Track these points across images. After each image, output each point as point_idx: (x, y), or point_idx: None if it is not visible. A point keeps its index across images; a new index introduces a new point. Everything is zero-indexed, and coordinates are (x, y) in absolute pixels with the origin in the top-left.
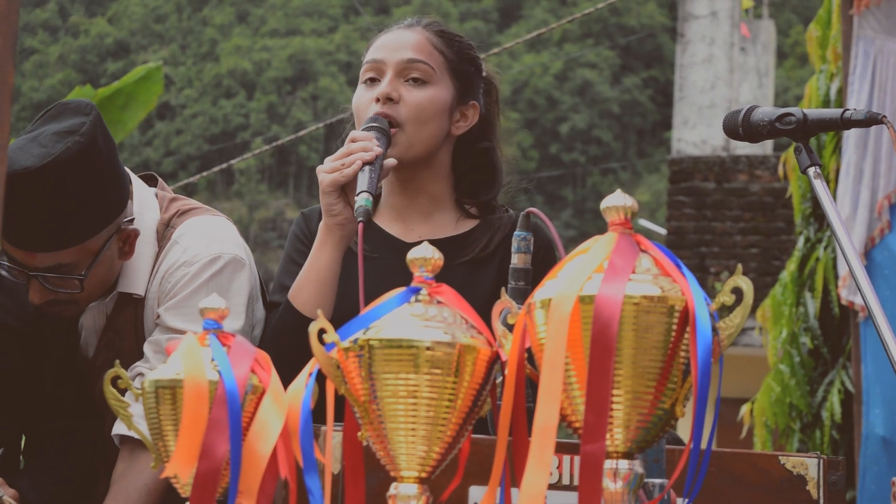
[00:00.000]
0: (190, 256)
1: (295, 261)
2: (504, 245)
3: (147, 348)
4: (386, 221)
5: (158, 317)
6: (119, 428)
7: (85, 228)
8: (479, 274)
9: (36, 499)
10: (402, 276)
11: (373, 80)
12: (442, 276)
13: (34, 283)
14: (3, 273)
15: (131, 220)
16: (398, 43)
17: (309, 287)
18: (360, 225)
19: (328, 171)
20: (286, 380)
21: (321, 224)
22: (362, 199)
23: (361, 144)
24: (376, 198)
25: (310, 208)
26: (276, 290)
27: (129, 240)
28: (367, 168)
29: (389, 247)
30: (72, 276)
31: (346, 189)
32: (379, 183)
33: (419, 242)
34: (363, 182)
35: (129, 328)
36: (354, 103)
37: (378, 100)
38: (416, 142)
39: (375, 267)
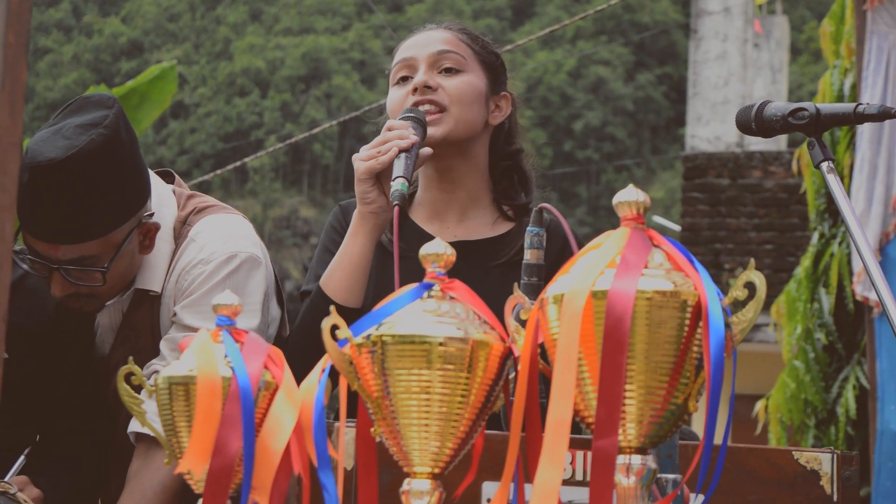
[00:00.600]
0: (207, 254)
1: (330, 251)
2: (558, 260)
3: (163, 346)
4: (422, 219)
5: (175, 314)
6: (135, 425)
7: (108, 221)
8: (514, 277)
9: (53, 498)
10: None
11: (405, 79)
12: (477, 279)
13: (56, 276)
14: (25, 267)
15: (151, 215)
16: (427, 40)
17: (340, 274)
18: (396, 208)
19: (363, 159)
20: (314, 367)
21: (355, 212)
22: (398, 184)
23: (398, 132)
24: (411, 194)
25: (347, 200)
26: (310, 280)
27: (149, 234)
28: (402, 155)
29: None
30: (94, 269)
31: (380, 177)
32: (415, 171)
33: (454, 242)
34: (399, 168)
35: (145, 326)
36: (389, 103)
37: (415, 90)
38: (461, 123)
39: (411, 265)
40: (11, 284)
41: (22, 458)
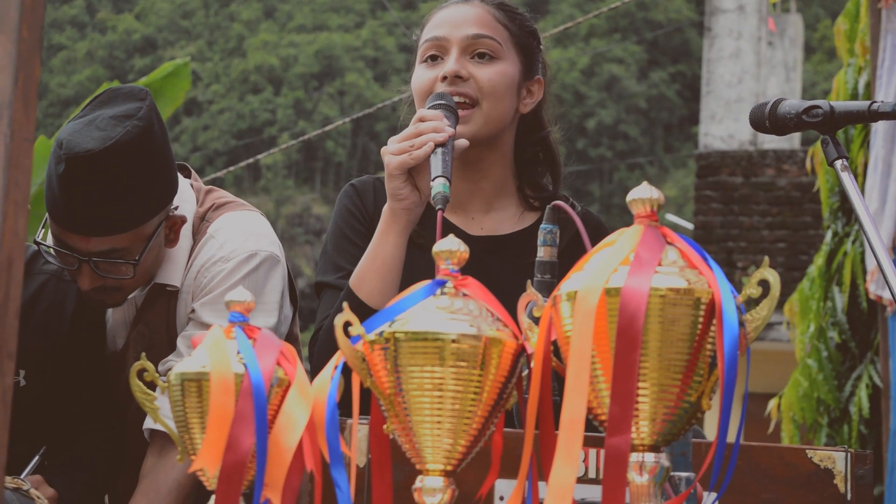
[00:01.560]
0: (227, 252)
1: (350, 239)
2: (572, 245)
3: (181, 342)
4: (446, 209)
5: (193, 311)
6: (148, 422)
7: (140, 213)
8: None
9: (67, 495)
10: (464, 268)
11: (434, 58)
12: (503, 277)
13: (85, 269)
14: (51, 260)
15: (176, 208)
16: (460, 18)
17: (373, 276)
18: (440, 213)
19: (395, 153)
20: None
21: (385, 208)
22: (440, 185)
23: (432, 125)
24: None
25: (359, 180)
26: (328, 270)
27: (174, 227)
28: (439, 150)
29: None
30: (125, 262)
31: (413, 172)
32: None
33: (484, 237)
34: (437, 166)
35: (160, 321)
36: (415, 83)
37: (444, 78)
38: (491, 119)
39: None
40: (28, 301)
41: (37, 457)
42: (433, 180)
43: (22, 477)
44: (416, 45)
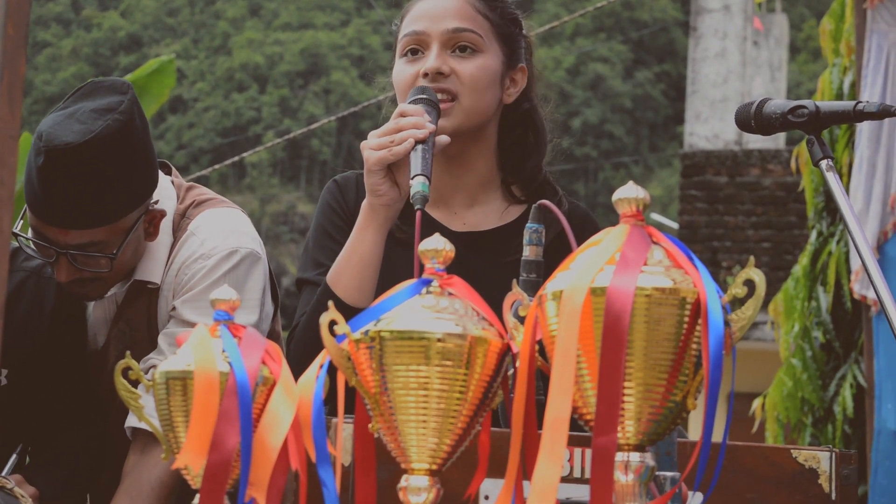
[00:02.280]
0: (207, 249)
1: (331, 235)
2: (557, 242)
3: (162, 340)
4: (428, 204)
5: (174, 309)
6: (131, 420)
7: (119, 207)
8: None
9: (49, 493)
10: (448, 265)
11: (414, 53)
12: (486, 274)
13: (63, 261)
14: (28, 251)
15: (156, 202)
16: (440, 11)
17: (350, 272)
18: (419, 213)
19: (375, 149)
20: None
21: (364, 204)
22: (419, 184)
23: (413, 120)
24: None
25: (342, 175)
26: (308, 266)
27: (154, 220)
28: (419, 147)
29: (433, 232)
30: (102, 255)
31: (392, 168)
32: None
33: (466, 233)
34: (417, 164)
35: (141, 319)
36: (396, 78)
37: (426, 74)
38: (473, 114)
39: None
40: (8, 299)
41: (14, 455)
42: (412, 178)
43: (2, 475)
44: (396, 36)
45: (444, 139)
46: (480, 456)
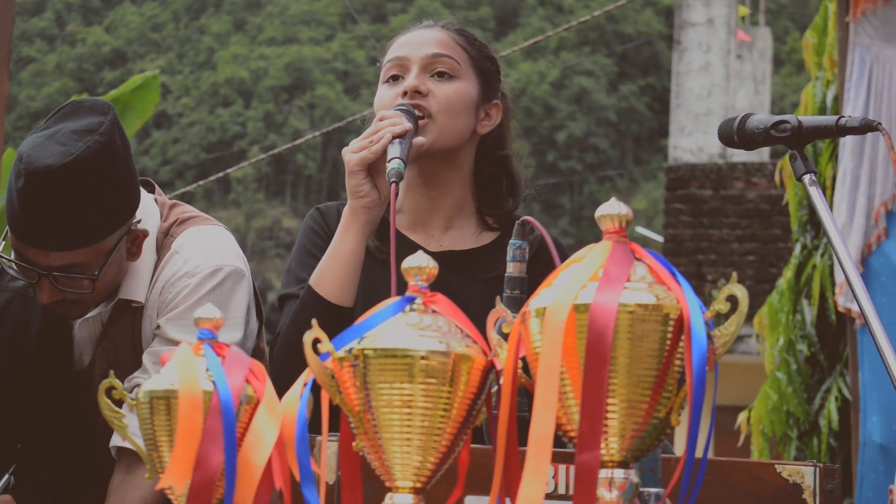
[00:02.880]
0: (191, 267)
1: (312, 253)
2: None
3: (146, 359)
4: (405, 226)
5: (158, 327)
6: (116, 440)
7: (100, 228)
8: (501, 292)
9: None
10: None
11: (395, 78)
12: (464, 291)
13: (44, 282)
14: (11, 272)
15: (139, 222)
16: (421, 39)
17: (332, 272)
18: (393, 185)
19: (355, 151)
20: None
21: (346, 208)
22: (394, 164)
23: (390, 120)
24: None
25: (325, 204)
26: (290, 283)
27: (136, 241)
28: (396, 140)
29: (411, 253)
30: (84, 276)
31: (373, 170)
32: (409, 160)
33: (443, 252)
34: (394, 151)
35: (125, 338)
36: (377, 102)
37: (405, 94)
38: (447, 133)
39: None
40: None
41: (7, 475)
42: (388, 161)
43: None
44: (380, 70)
45: (420, 139)
46: (460, 472)
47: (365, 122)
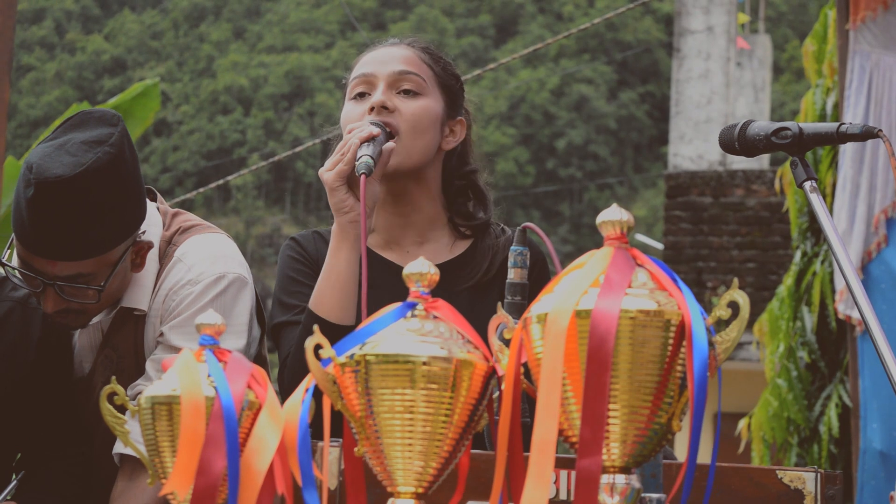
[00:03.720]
0: (195, 275)
1: (297, 280)
2: (505, 267)
3: (149, 366)
4: (379, 245)
5: (162, 335)
6: (118, 446)
7: (108, 239)
8: (482, 298)
9: None
10: (401, 298)
11: (362, 95)
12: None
13: (50, 292)
14: (15, 281)
15: (143, 233)
16: (387, 57)
17: (330, 292)
18: (363, 177)
19: (330, 168)
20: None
21: (333, 228)
22: (363, 160)
23: (357, 129)
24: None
25: (299, 233)
26: (280, 312)
27: (141, 252)
28: (364, 144)
29: (388, 273)
30: (90, 287)
31: (352, 184)
32: (380, 164)
33: None
34: (362, 150)
35: (128, 345)
36: (344, 118)
37: (372, 109)
38: (413, 152)
39: (375, 297)
40: None
41: (15, 481)
42: (358, 159)
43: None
44: (346, 87)
45: (390, 145)
46: (461, 477)
47: (330, 142)
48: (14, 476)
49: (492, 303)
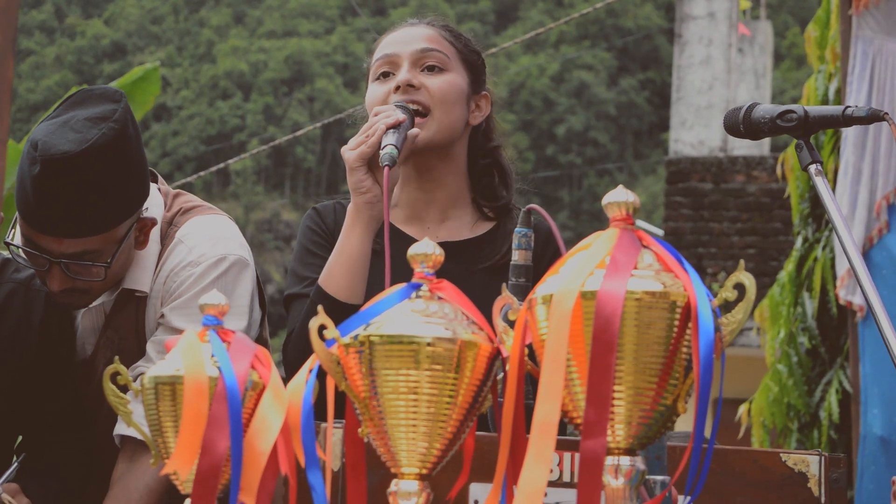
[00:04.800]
0: (196, 256)
1: (312, 252)
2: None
3: (150, 347)
4: (401, 220)
5: (163, 316)
6: (120, 428)
7: (114, 216)
8: (500, 280)
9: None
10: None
11: (386, 75)
12: (463, 281)
13: (56, 270)
14: (20, 261)
15: (146, 210)
16: (409, 36)
17: (340, 271)
18: (386, 169)
19: (353, 148)
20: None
21: (349, 206)
22: (388, 149)
23: (383, 114)
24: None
25: (322, 203)
26: (294, 283)
27: (145, 229)
28: (389, 131)
29: (407, 248)
30: (97, 264)
31: (372, 165)
32: (404, 150)
33: (440, 243)
34: (387, 139)
35: (129, 327)
36: (369, 99)
37: (397, 88)
38: (444, 126)
39: (394, 269)
40: None
41: (16, 464)
42: (382, 148)
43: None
44: (369, 70)
45: (415, 131)
46: (465, 459)
47: (357, 119)
48: (15, 459)
49: None
